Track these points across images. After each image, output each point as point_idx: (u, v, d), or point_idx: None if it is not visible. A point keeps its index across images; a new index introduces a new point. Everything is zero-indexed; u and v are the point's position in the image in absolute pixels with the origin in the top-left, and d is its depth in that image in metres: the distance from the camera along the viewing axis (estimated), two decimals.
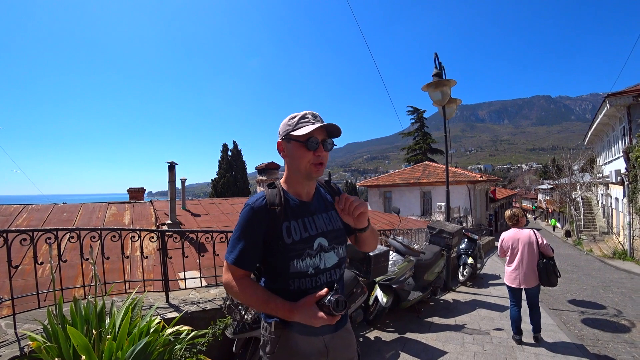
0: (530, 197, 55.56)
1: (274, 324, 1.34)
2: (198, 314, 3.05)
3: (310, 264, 1.35)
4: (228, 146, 31.22)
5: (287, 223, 1.34)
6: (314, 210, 1.43)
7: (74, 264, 4.14)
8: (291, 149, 1.35)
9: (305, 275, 1.34)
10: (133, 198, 10.80)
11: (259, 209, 1.31)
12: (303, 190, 1.42)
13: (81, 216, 6.59)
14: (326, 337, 1.38)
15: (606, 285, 8.12)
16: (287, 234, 1.32)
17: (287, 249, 1.31)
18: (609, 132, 18.60)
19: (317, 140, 1.32)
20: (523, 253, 3.93)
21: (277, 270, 1.35)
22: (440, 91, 6.03)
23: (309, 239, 1.36)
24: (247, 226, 1.31)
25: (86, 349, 1.77)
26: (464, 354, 3.61)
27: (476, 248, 7.68)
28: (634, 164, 12.19)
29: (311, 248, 1.36)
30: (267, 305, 1.29)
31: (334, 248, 1.42)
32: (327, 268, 1.39)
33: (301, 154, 1.33)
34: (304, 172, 1.36)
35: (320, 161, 1.34)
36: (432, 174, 20.16)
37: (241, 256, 1.30)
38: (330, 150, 1.39)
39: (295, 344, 1.34)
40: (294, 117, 1.37)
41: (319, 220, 1.42)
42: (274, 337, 1.35)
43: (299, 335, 1.33)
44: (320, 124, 1.31)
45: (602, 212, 20.76)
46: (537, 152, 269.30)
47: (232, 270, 1.33)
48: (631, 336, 4.57)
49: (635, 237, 12.94)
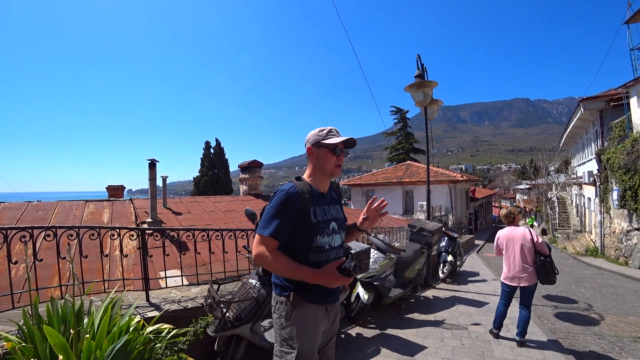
0: (509, 196, 57.05)
1: (292, 295, 1.66)
2: (179, 312, 3.03)
3: (327, 241, 1.74)
4: (211, 144, 30.78)
5: (313, 207, 1.71)
6: (328, 200, 1.84)
7: (50, 263, 4.03)
8: (320, 153, 1.77)
9: (322, 250, 1.72)
10: (112, 196, 10.54)
11: (294, 194, 1.67)
12: (322, 185, 1.83)
13: (57, 214, 6.40)
14: (328, 306, 1.77)
15: (578, 281, 8.47)
16: (314, 215, 1.70)
17: (313, 226, 1.69)
18: (582, 135, 19.32)
19: (340, 149, 1.76)
20: (519, 251, 3.89)
21: (303, 244, 1.69)
22: (422, 92, 6.14)
23: (327, 221, 1.76)
24: (283, 206, 1.64)
25: (63, 349, 1.74)
26: (443, 349, 3.71)
27: (456, 246, 7.87)
28: (605, 166, 12.72)
29: (328, 228, 1.76)
30: (297, 270, 1.61)
31: (340, 232, 1.85)
32: (335, 247, 1.80)
33: (328, 158, 1.76)
34: (328, 172, 1.79)
35: (340, 164, 1.80)
36: (415, 173, 20.47)
37: (277, 229, 1.61)
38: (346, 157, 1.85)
39: (308, 310, 1.68)
40: (323, 130, 1.78)
41: (332, 209, 1.83)
42: (290, 307, 1.67)
43: (310, 303, 1.68)
44: (345, 138, 1.77)
45: (576, 212, 21.56)
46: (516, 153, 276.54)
47: (266, 242, 1.62)
48: (600, 329, 4.80)
49: (606, 235, 13.52)
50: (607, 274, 9.79)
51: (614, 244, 12.61)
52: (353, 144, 1.81)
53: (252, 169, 10.78)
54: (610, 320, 5.14)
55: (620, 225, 12.00)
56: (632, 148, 10.40)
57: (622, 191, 11.05)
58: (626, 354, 3.93)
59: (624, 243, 11.66)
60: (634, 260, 10.70)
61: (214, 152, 30.57)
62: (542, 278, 3.82)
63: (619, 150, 11.23)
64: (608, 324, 4.97)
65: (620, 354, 3.91)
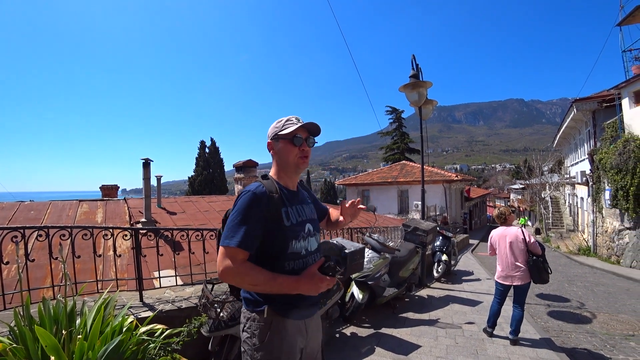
0: (503, 196, 57.43)
1: (267, 310, 1.45)
2: (173, 312, 3.02)
3: (303, 245, 1.54)
4: (206, 143, 30.68)
5: (285, 208, 1.52)
6: (300, 199, 1.65)
7: (42, 264, 3.99)
8: (280, 147, 1.57)
9: (299, 257, 1.52)
10: (106, 196, 10.46)
11: (261, 194, 1.46)
12: (290, 183, 1.64)
13: (50, 214, 6.33)
14: (307, 320, 1.57)
15: (571, 280, 8.56)
16: (286, 217, 1.50)
17: (287, 230, 1.49)
18: (575, 135, 19.51)
19: (302, 138, 1.55)
20: (511, 251, 3.93)
21: (277, 252, 1.48)
22: (417, 92, 6.17)
23: (302, 222, 1.57)
24: (250, 210, 1.43)
25: (55, 350, 1.73)
26: (437, 347, 3.73)
27: (450, 245, 7.91)
28: (597, 166, 12.85)
29: (304, 231, 1.56)
30: (275, 281, 1.38)
31: (315, 234, 1.65)
32: (312, 251, 1.60)
33: (289, 150, 1.56)
34: (292, 165, 1.58)
35: (305, 155, 1.59)
36: (410, 173, 20.53)
37: (245, 238, 1.38)
38: (312, 147, 1.62)
39: (284, 327, 1.47)
40: (280, 120, 1.59)
41: (306, 208, 1.65)
42: (264, 325, 1.46)
43: (287, 319, 1.48)
44: (301, 124, 1.55)
45: (569, 211, 21.77)
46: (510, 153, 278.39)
47: (233, 254, 1.37)
48: (592, 327, 4.86)
49: (598, 234, 13.67)
50: (599, 273, 9.91)
51: (606, 243, 12.75)
52: (316, 129, 1.60)
53: (247, 168, 10.74)
54: (602, 318, 5.21)
55: (612, 224, 12.14)
56: (624, 148, 10.52)
57: (614, 191, 11.18)
58: (617, 351, 3.98)
59: (615, 242, 11.80)
60: (626, 259, 10.84)
61: (209, 152, 30.48)
62: (535, 277, 3.86)
63: (611, 151, 11.36)
64: (600, 322, 5.03)
65: (612, 352, 3.96)
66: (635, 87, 10.93)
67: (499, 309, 4.08)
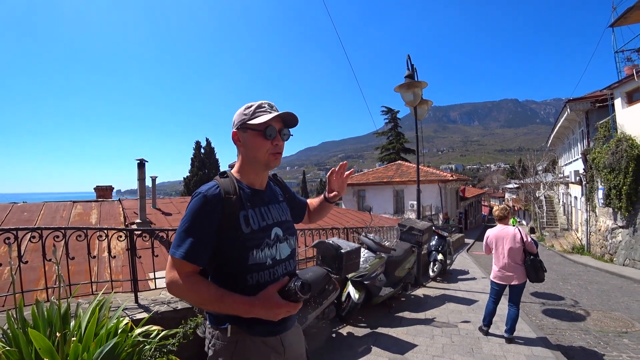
0: (498, 195, 57.79)
1: (230, 328, 1.24)
2: (169, 313, 3.00)
3: (268, 254, 1.29)
4: (201, 143, 30.59)
5: (245, 212, 1.28)
6: (268, 200, 1.41)
7: (35, 266, 3.95)
8: (248, 139, 1.31)
9: (264, 267, 1.28)
10: (100, 197, 10.39)
11: (212, 197, 1.23)
12: (257, 180, 1.39)
13: (43, 216, 6.28)
14: (282, 335, 1.33)
15: (565, 278, 8.64)
16: (245, 223, 1.26)
17: (245, 238, 1.24)
18: (569, 135, 19.69)
19: (275, 130, 1.30)
20: (508, 250, 3.92)
21: (235, 264, 1.26)
22: (412, 92, 6.19)
23: (266, 228, 1.32)
24: (199, 216, 1.21)
25: (49, 352, 1.72)
26: (433, 346, 3.75)
27: (446, 245, 7.95)
28: (591, 165, 12.98)
29: (269, 237, 1.32)
30: (223, 301, 1.16)
31: (287, 239, 1.40)
32: (282, 259, 1.35)
33: (259, 143, 1.30)
34: (262, 162, 1.33)
35: (278, 150, 1.34)
36: (405, 173, 20.61)
37: (192, 249, 1.18)
38: (287, 140, 1.38)
39: (253, 347, 1.26)
40: (249, 106, 1.32)
41: (273, 210, 1.40)
42: (227, 344, 1.25)
43: (256, 337, 1.26)
44: (277, 113, 1.30)
45: (563, 210, 21.97)
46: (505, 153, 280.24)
47: (179, 266, 1.18)
48: (586, 324, 4.90)
49: (592, 233, 13.80)
50: (593, 271, 10.00)
51: (599, 241, 12.88)
52: (293, 120, 1.36)
53: None
54: (595, 316, 5.26)
55: (606, 223, 12.26)
56: (617, 148, 10.64)
57: (607, 190, 11.30)
58: (611, 348, 4.02)
59: (609, 240, 11.93)
60: (619, 257, 10.95)
61: (204, 152, 30.39)
62: (532, 276, 3.88)
63: (604, 150, 11.48)
64: (594, 320, 5.08)
65: (606, 349, 4.00)
66: (627, 88, 11.05)
67: (495, 308, 4.10)
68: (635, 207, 10.27)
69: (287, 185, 1.62)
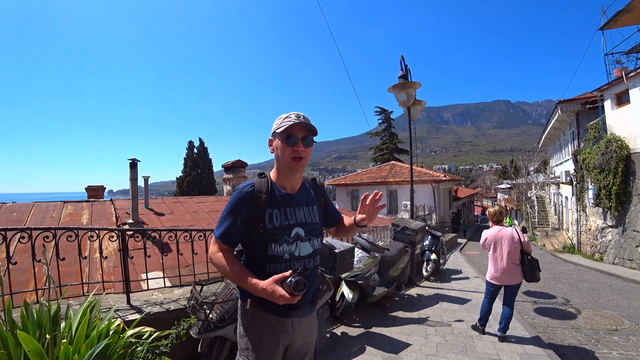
0: (490, 196, 58.30)
1: (249, 302, 1.51)
2: (161, 314, 2.97)
3: (286, 249, 1.51)
4: (194, 143, 30.34)
5: (270, 210, 1.51)
6: (296, 202, 1.60)
7: (24, 267, 3.90)
8: (276, 144, 1.55)
9: (281, 260, 1.50)
10: (92, 197, 10.26)
11: (245, 194, 1.50)
12: (289, 184, 1.60)
13: (33, 216, 6.18)
14: (294, 320, 1.55)
15: (556, 277, 8.74)
16: (269, 219, 1.50)
17: (267, 232, 1.48)
18: (560, 136, 19.93)
19: (296, 137, 1.50)
20: (507, 251, 3.92)
21: (257, 252, 1.52)
22: (405, 93, 6.21)
23: (287, 227, 1.53)
24: (234, 207, 1.49)
25: (39, 354, 1.68)
26: (427, 345, 3.76)
27: (439, 244, 7.98)
28: (581, 166, 13.16)
29: (289, 235, 1.52)
30: (240, 278, 1.42)
31: (310, 239, 1.59)
32: (301, 256, 1.55)
33: (283, 149, 1.52)
34: (285, 165, 1.54)
35: (299, 155, 1.52)
36: (399, 173, 20.69)
37: (225, 232, 1.48)
38: (310, 147, 1.57)
39: (266, 321, 1.51)
40: (281, 117, 1.56)
41: (300, 212, 1.59)
42: (247, 315, 1.53)
43: (270, 314, 1.50)
44: (294, 122, 1.49)
45: (554, 210, 22.23)
46: (497, 154, 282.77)
47: (216, 242, 1.50)
48: (577, 322, 4.96)
49: (582, 232, 13.99)
50: (584, 270, 10.13)
51: (589, 240, 13.06)
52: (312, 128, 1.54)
53: (236, 168, 10.68)
54: (586, 314, 5.33)
55: (596, 222, 12.44)
56: (606, 149, 10.80)
57: (597, 190, 11.46)
58: (601, 345, 4.08)
59: (599, 240, 12.10)
60: (609, 256, 11.12)
61: (197, 152, 30.15)
62: (529, 276, 3.91)
63: (594, 151, 11.64)
64: (584, 318, 5.15)
65: (596, 346, 4.05)
66: (617, 90, 11.22)
67: (490, 308, 4.12)
68: (625, 207, 10.44)
69: (324, 192, 1.83)
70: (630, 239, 9.99)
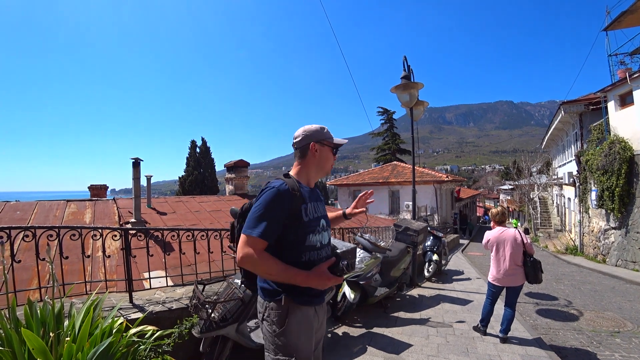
0: (492, 197, 58.11)
1: (284, 299, 1.58)
2: (163, 313, 2.98)
3: (318, 238, 1.69)
4: (196, 143, 30.39)
5: (305, 205, 1.65)
6: (317, 197, 1.80)
7: (28, 265, 3.92)
8: (323, 152, 1.77)
9: (314, 248, 1.66)
10: (95, 196, 10.29)
11: (284, 192, 1.58)
12: (312, 183, 1.81)
13: (36, 215, 6.21)
14: (317, 306, 1.70)
15: (558, 278, 8.71)
16: (305, 213, 1.64)
17: (305, 225, 1.63)
18: (563, 137, 19.85)
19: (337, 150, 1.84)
20: (509, 252, 3.91)
21: (295, 244, 1.62)
22: (408, 93, 6.21)
23: (318, 218, 1.71)
24: (272, 205, 1.55)
25: (43, 352, 1.70)
26: (428, 346, 3.76)
27: (441, 245, 7.98)
28: (584, 167, 13.10)
29: (319, 226, 1.71)
30: (287, 272, 1.52)
31: (327, 229, 1.80)
32: (325, 244, 1.74)
33: (329, 157, 1.80)
34: (325, 171, 1.81)
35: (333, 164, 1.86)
36: (401, 173, 20.65)
37: (266, 230, 1.51)
38: None
39: (300, 313, 1.61)
40: (324, 128, 1.79)
41: (320, 205, 1.79)
42: (282, 312, 1.58)
43: (302, 306, 1.62)
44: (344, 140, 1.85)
45: (557, 211, 22.14)
46: (500, 155, 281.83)
47: (254, 243, 1.51)
48: (579, 324, 4.94)
49: (585, 234, 13.93)
50: (586, 272, 10.09)
51: (592, 242, 13.00)
52: None
53: (239, 168, 10.68)
54: (588, 316, 5.30)
55: (598, 224, 12.39)
56: (610, 150, 10.75)
57: (600, 192, 11.41)
58: (604, 347, 4.06)
59: (601, 241, 12.05)
60: (611, 257, 11.07)
61: (199, 152, 30.21)
62: (531, 277, 3.90)
63: (597, 152, 11.59)
64: (586, 320, 5.13)
65: (598, 348, 4.04)
66: (620, 91, 11.17)
67: (492, 309, 4.11)
68: (628, 208, 10.39)
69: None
70: (634, 241, 9.95)
